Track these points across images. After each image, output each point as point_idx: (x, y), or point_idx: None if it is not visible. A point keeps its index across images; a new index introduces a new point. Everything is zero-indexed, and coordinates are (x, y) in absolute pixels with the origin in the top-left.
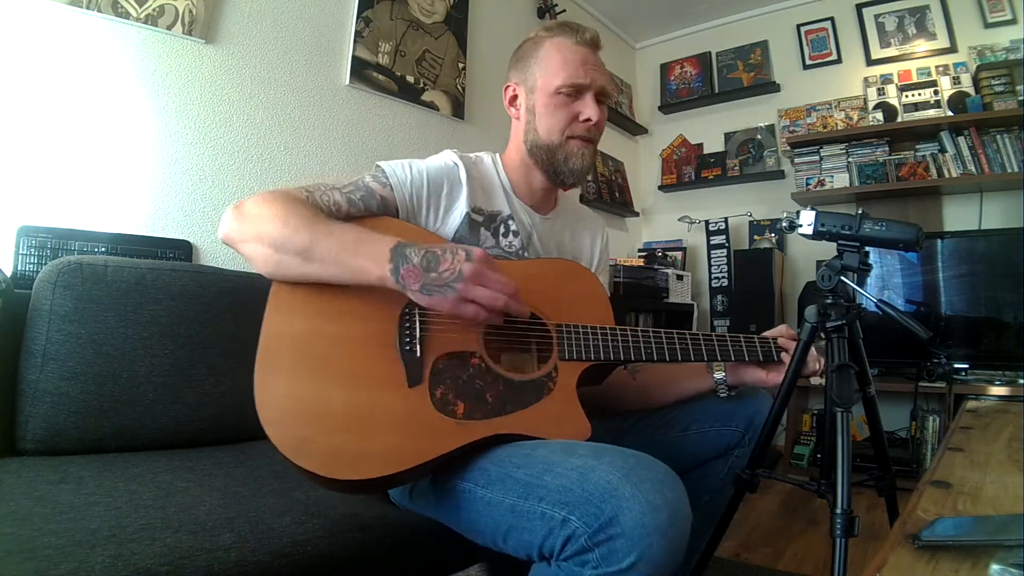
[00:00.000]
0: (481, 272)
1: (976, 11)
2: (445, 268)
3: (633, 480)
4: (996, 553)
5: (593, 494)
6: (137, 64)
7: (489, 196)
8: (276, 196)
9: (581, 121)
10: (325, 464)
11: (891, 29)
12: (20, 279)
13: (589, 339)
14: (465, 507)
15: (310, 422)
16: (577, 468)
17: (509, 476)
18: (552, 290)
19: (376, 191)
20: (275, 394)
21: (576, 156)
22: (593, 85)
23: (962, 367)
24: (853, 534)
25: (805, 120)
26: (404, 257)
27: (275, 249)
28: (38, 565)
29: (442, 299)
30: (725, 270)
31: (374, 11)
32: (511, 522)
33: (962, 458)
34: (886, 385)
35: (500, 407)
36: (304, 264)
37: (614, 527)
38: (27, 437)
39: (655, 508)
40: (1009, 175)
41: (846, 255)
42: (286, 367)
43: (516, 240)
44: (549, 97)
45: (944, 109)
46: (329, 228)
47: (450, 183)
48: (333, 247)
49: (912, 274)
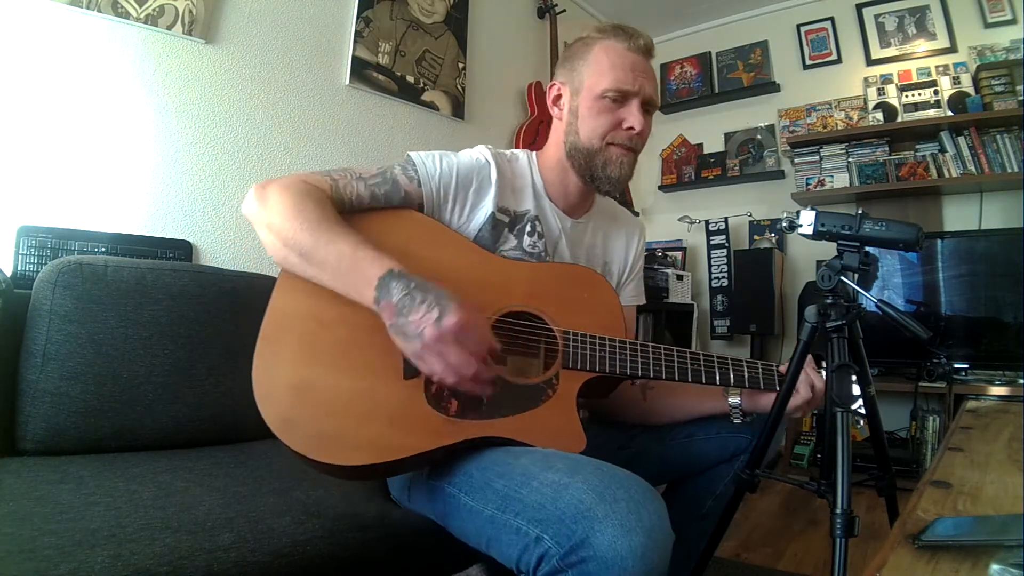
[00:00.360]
0: (444, 340)
1: (976, 11)
2: (413, 319)
3: (607, 499)
4: (996, 553)
5: (565, 513)
6: (137, 64)
7: (518, 196)
8: (296, 187)
9: (624, 129)
10: (308, 446)
11: (891, 29)
12: (20, 279)
13: (596, 349)
14: (451, 511)
15: (300, 402)
16: (552, 484)
17: (489, 485)
18: (564, 295)
19: (402, 186)
20: (271, 371)
21: (615, 164)
22: (641, 93)
23: (962, 367)
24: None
25: (805, 120)
26: (387, 290)
27: (283, 243)
28: (38, 565)
29: (405, 345)
30: (725, 270)
31: (374, 11)
32: (491, 532)
33: (962, 458)
34: (886, 385)
35: (495, 409)
36: (306, 265)
37: (585, 549)
38: (27, 437)
39: (629, 531)
40: (1009, 175)
41: (846, 255)
42: (285, 345)
43: (540, 242)
44: (594, 100)
45: (944, 109)
46: (332, 235)
47: (479, 181)
48: (332, 257)
49: (912, 274)
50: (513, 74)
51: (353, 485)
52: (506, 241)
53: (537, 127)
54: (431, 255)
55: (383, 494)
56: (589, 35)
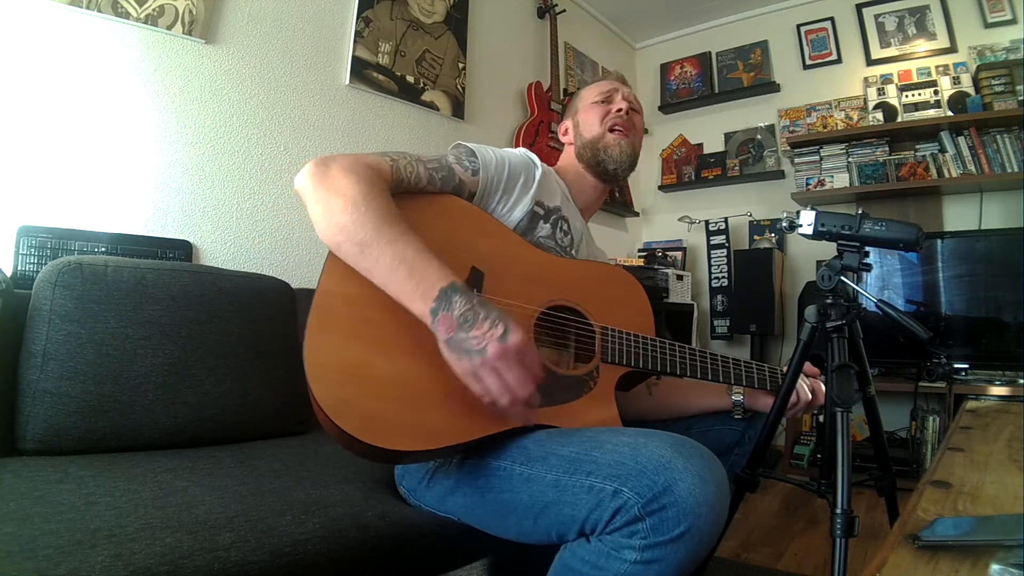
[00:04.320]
0: (506, 358)
1: (976, 11)
2: (476, 334)
3: (684, 454)
4: (996, 553)
5: (647, 466)
6: (137, 64)
7: (553, 195)
8: (361, 171)
9: (615, 111)
10: (361, 427)
11: (891, 29)
12: (20, 279)
13: (631, 345)
14: (498, 485)
15: (354, 384)
16: (628, 444)
17: (553, 453)
18: (601, 292)
19: (457, 174)
20: (324, 352)
21: (614, 145)
22: (620, 90)
23: (962, 367)
24: (853, 534)
25: (805, 120)
26: (449, 303)
27: (339, 229)
28: (38, 565)
29: (460, 361)
30: (725, 270)
31: (374, 11)
32: (552, 497)
33: (962, 458)
34: (886, 385)
35: (543, 397)
36: (359, 257)
37: (667, 496)
38: (27, 437)
39: (705, 481)
40: (1009, 175)
41: (846, 255)
42: (336, 327)
43: (566, 238)
44: (588, 107)
45: (944, 109)
46: (395, 234)
47: (526, 176)
48: (389, 256)
49: (912, 274)
50: (513, 74)
51: (353, 484)
52: (541, 231)
53: (537, 127)
54: (480, 244)
55: (384, 492)
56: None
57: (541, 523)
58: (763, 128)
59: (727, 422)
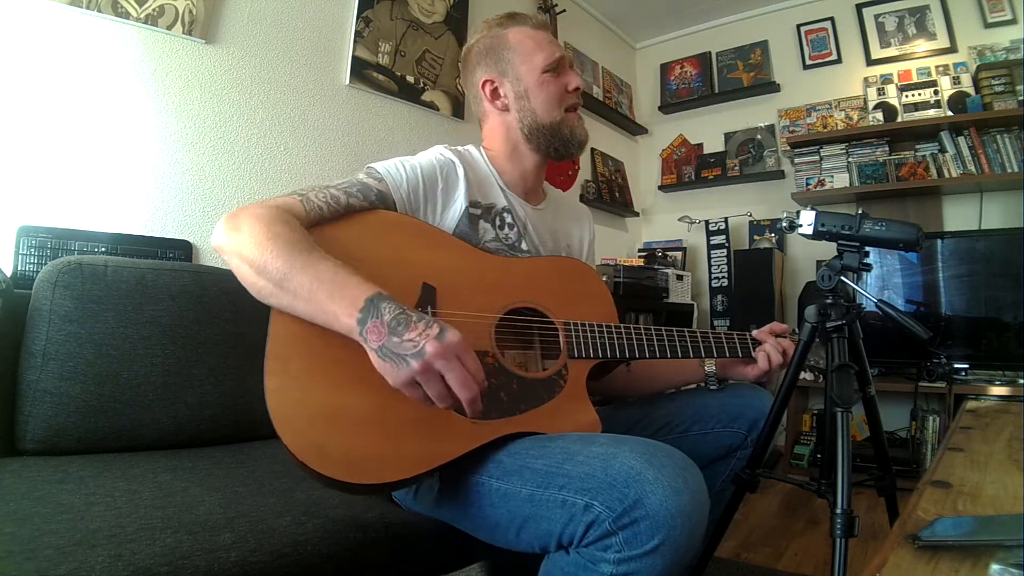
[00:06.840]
0: (447, 356)
1: (976, 11)
2: (411, 336)
3: (655, 465)
4: (996, 553)
5: (616, 479)
6: (137, 64)
7: (485, 189)
8: (266, 213)
9: (571, 91)
10: (346, 470)
11: (891, 29)
12: (20, 279)
13: (597, 337)
14: (477, 500)
15: (326, 426)
16: (599, 455)
17: (526, 467)
18: (557, 287)
19: (372, 186)
20: (287, 399)
21: (578, 126)
22: (566, 57)
23: (962, 367)
24: (853, 534)
25: (805, 120)
26: (377, 310)
27: (255, 271)
28: (38, 565)
29: (394, 368)
30: (725, 270)
31: (374, 11)
32: (528, 512)
33: (962, 458)
34: (886, 385)
35: (514, 406)
36: (279, 293)
37: (638, 510)
38: (27, 437)
39: (677, 491)
40: (1009, 175)
41: (846, 255)
42: (296, 370)
43: (512, 232)
44: (538, 78)
45: (944, 109)
46: (308, 260)
47: (445, 178)
48: (308, 283)
49: (912, 274)
50: None
51: None
52: (486, 233)
53: None
54: (427, 258)
55: (385, 495)
56: (489, 31)
57: (524, 536)
58: (763, 128)
59: (729, 424)
